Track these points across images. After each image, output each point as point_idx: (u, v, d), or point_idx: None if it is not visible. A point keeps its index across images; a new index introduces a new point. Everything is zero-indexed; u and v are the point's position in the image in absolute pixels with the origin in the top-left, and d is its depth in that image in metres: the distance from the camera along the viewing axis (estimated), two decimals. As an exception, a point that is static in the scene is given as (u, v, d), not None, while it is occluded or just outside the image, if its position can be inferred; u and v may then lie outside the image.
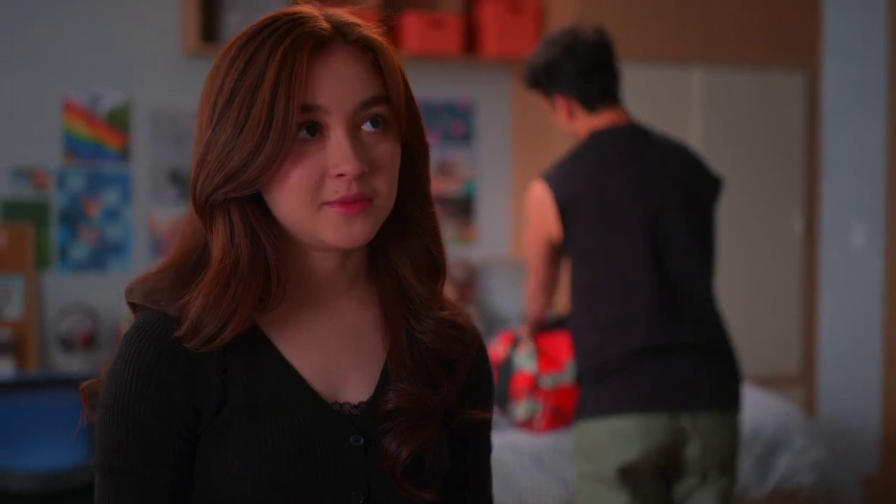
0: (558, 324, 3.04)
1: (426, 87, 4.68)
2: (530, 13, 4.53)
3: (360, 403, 1.17)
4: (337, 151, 1.07)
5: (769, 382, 4.40)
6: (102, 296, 4.12)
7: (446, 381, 1.19)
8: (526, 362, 3.23)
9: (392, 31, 1.19)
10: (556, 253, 2.63)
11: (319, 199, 1.08)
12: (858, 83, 4.79)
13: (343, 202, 1.08)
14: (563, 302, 3.39)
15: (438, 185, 4.77)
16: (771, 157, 4.55)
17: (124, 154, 4.24)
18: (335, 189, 1.08)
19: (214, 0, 4.19)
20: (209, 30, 4.17)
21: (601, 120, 2.55)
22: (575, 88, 2.53)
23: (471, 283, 4.56)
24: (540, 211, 2.56)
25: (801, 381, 4.76)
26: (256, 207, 1.11)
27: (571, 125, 2.61)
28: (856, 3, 4.75)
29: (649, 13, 4.41)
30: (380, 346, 1.20)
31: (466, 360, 1.22)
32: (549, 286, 2.72)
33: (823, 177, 4.77)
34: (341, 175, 1.07)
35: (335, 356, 1.17)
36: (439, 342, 1.19)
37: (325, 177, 1.08)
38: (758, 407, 3.54)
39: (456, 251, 4.75)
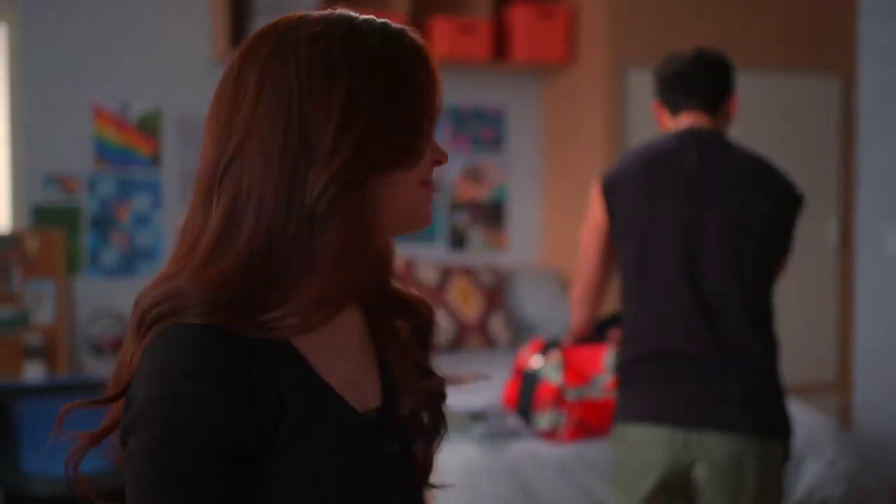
0: (612, 321, 2.96)
1: (456, 93, 4.66)
2: (560, 18, 4.50)
3: (377, 409, 1.14)
4: (439, 144, 1.15)
5: (804, 390, 4.34)
6: (132, 301, 4.12)
7: (432, 365, 1.21)
8: (552, 373, 3.20)
9: (421, 37, 1.20)
10: (607, 249, 2.58)
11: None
12: (894, 88, 4.72)
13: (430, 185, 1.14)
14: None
15: (469, 191, 4.75)
16: (805, 163, 4.49)
17: (154, 160, 4.26)
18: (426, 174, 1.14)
19: (243, 7, 4.20)
20: (238, 36, 4.18)
21: (682, 122, 2.60)
22: (662, 92, 2.63)
23: (500, 290, 4.53)
24: (592, 199, 2.59)
25: (836, 388, 4.70)
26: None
27: (662, 126, 2.68)
28: (892, 8, 4.69)
29: (681, 17, 4.37)
30: (368, 346, 1.18)
31: (430, 326, 1.23)
32: (595, 292, 2.63)
33: (858, 183, 4.71)
34: (440, 163, 1.14)
35: (355, 363, 1.14)
36: (409, 318, 1.20)
37: None
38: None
39: (485, 257, 4.73)
